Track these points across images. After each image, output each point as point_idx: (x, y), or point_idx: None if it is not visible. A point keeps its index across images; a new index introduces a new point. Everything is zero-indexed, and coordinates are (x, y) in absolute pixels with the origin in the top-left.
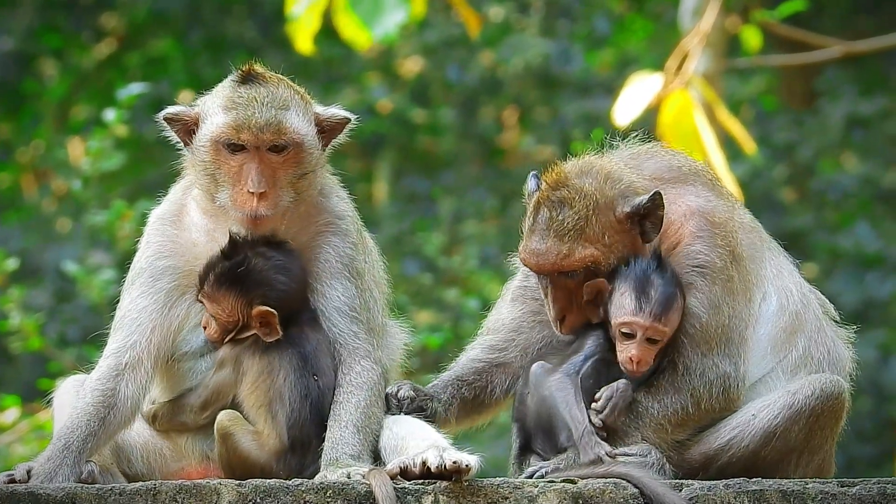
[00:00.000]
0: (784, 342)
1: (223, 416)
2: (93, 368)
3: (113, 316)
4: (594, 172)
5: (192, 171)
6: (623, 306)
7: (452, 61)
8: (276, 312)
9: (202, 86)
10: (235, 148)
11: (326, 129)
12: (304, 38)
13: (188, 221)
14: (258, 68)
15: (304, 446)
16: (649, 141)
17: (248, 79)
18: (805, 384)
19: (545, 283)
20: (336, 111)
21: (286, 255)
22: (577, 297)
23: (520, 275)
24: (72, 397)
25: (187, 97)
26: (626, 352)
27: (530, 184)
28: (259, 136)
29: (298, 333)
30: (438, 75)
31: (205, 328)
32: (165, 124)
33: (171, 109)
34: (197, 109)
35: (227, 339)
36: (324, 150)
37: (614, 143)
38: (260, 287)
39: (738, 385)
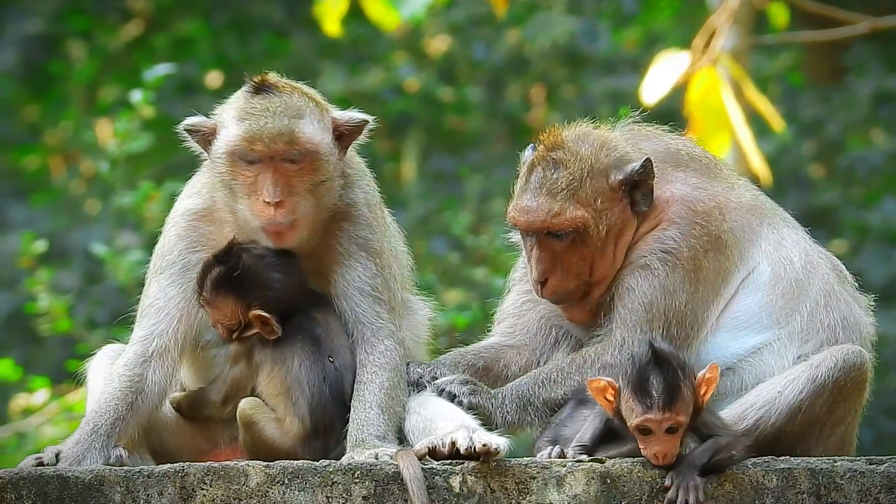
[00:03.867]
0: (783, 308)
1: (245, 405)
2: (125, 343)
3: (139, 299)
4: (591, 139)
5: (212, 182)
6: (633, 409)
7: (479, 40)
8: (269, 315)
9: (229, 67)
10: (250, 159)
11: (345, 134)
12: (331, 20)
13: (221, 217)
14: (271, 78)
15: (327, 429)
16: (664, 123)
17: (261, 89)
18: (827, 356)
19: (531, 244)
20: (354, 115)
21: (279, 251)
22: (562, 261)
23: (521, 261)
24: (106, 368)
25: (214, 78)
26: (650, 449)
27: (527, 152)
28: (271, 146)
29: (305, 319)
30: (465, 54)
31: (213, 327)
32: (186, 135)
33: (189, 121)
34: (214, 120)
35: (234, 338)
36: (342, 155)
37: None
38: (257, 289)
39: None
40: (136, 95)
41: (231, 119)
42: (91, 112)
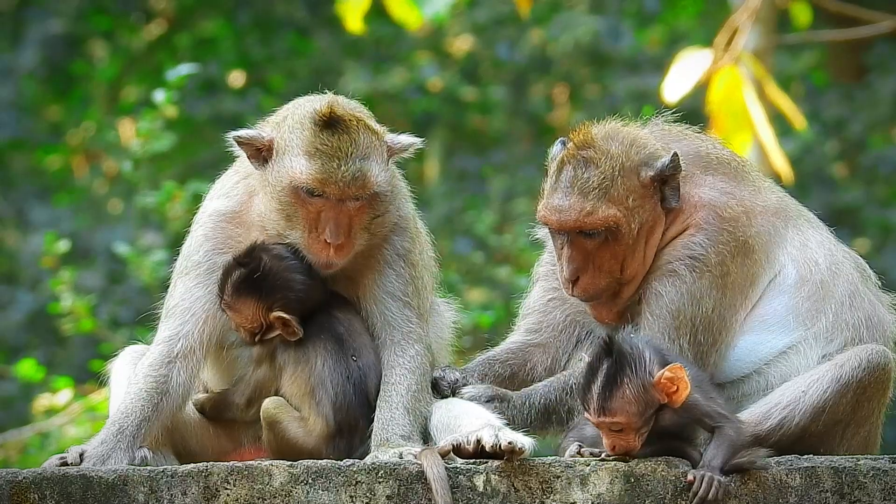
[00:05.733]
0: (809, 310)
1: (269, 404)
2: (148, 343)
3: (163, 299)
4: (621, 137)
5: (264, 199)
6: (580, 399)
7: (502, 39)
8: (289, 317)
9: (251, 66)
10: (317, 194)
11: (393, 155)
12: (354, 18)
13: (249, 221)
14: (338, 110)
15: (351, 429)
16: (686, 121)
17: (330, 123)
18: (851, 355)
19: (561, 243)
20: (406, 141)
21: (300, 253)
22: (593, 259)
23: (546, 255)
24: (129, 368)
25: (237, 78)
26: (604, 440)
27: (555, 148)
28: (345, 190)
29: (327, 318)
30: (488, 53)
31: (236, 331)
32: (234, 143)
33: (243, 133)
34: (269, 135)
35: (256, 340)
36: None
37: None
38: (278, 290)
39: None
40: (159, 95)
41: (298, 150)
42: (114, 112)
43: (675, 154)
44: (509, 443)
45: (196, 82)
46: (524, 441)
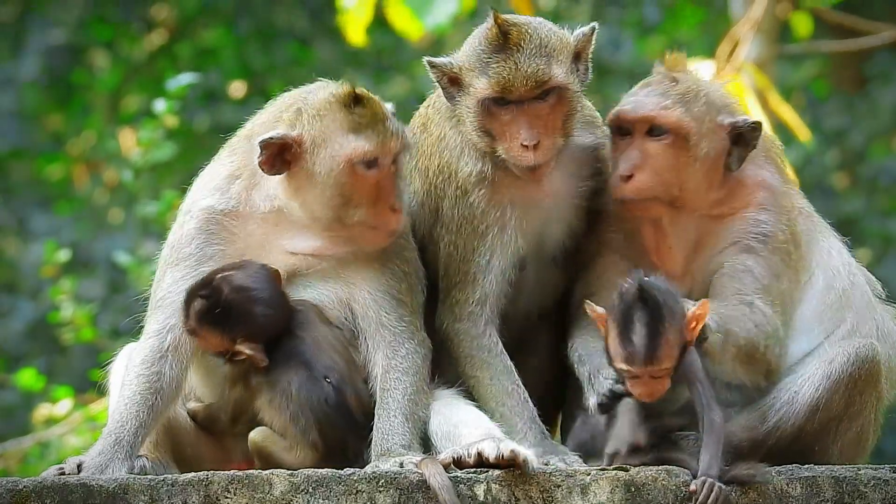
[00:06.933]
0: (831, 318)
1: (255, 436)
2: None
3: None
4: (707, 82)
5: (300, 195)
6: (616, 352)
7: None
8: (252, 352)
9: (252, 76)
10: (372, 165)
11: None
12: (355, 30)
13: (247, 213)
14: (356, 88)
15: (343, 449)
16: None
17: (357, 100)
18: (840, 352)
19: (624, 143)
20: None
21: (260, 280)
22: (654, 161)
23: None
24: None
25: (238, 87)
26: (636, 389)
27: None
28: (394, 146)
29: (292, 342)
30: None
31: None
32: (258, 148)
33: (273, 135)
34: (297, 132)
35: (225, 362)
36: None
37: None
38: (241, 324)
39: (779, 355)
40: (160, 105)
41: (339, 131)
42: (114, 121)
43: (760, 124)
44: (512, 452)
45: (197, 92)
46: (526, 452)
